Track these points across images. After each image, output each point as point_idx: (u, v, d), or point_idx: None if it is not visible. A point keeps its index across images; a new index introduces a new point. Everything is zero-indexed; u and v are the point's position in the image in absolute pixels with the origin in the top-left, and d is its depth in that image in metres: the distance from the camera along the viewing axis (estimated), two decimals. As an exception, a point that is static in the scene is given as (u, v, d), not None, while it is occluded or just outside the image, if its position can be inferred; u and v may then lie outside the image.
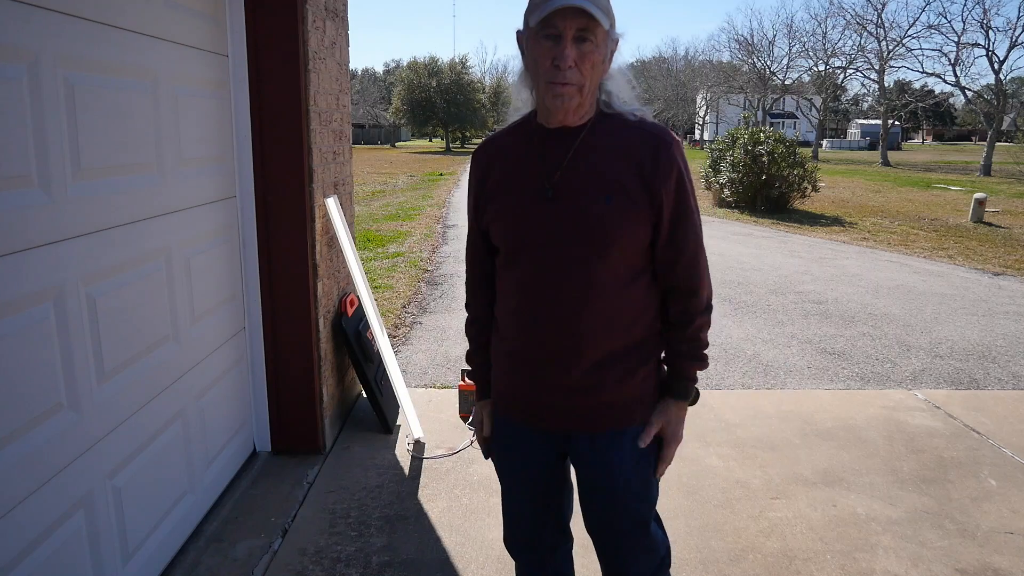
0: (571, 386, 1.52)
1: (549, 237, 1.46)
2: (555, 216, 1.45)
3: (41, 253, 1.77)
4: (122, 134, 2.10)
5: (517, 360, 1.58)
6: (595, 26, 1.35)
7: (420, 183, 21.47)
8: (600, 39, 1.38)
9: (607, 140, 1.46)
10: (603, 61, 1.41)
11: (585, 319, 1.47)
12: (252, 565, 2.45)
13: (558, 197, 1.45)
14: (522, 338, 1.55)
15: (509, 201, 1.52)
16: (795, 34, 59.21)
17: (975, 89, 37.53)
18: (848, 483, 3.15)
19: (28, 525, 1.74)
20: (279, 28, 2.86)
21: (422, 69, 54.19)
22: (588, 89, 1.41)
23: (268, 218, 3.01)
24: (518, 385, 1.60)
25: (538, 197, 1.47)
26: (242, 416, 3.10)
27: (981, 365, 4.97)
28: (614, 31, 1.42)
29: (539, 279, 1.49)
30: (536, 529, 1.73)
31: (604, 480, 1.58)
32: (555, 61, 1.36)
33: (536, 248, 1.48)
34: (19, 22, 1.68)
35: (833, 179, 23.86)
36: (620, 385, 1.53)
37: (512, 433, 1.65)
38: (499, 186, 1.55)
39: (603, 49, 1.40)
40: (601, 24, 1.35)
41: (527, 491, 1.69)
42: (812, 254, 9.49)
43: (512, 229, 1.51)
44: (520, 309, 1.54)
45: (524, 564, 1.79)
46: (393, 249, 9.43)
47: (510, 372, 1.61)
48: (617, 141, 1.46)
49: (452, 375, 4.58)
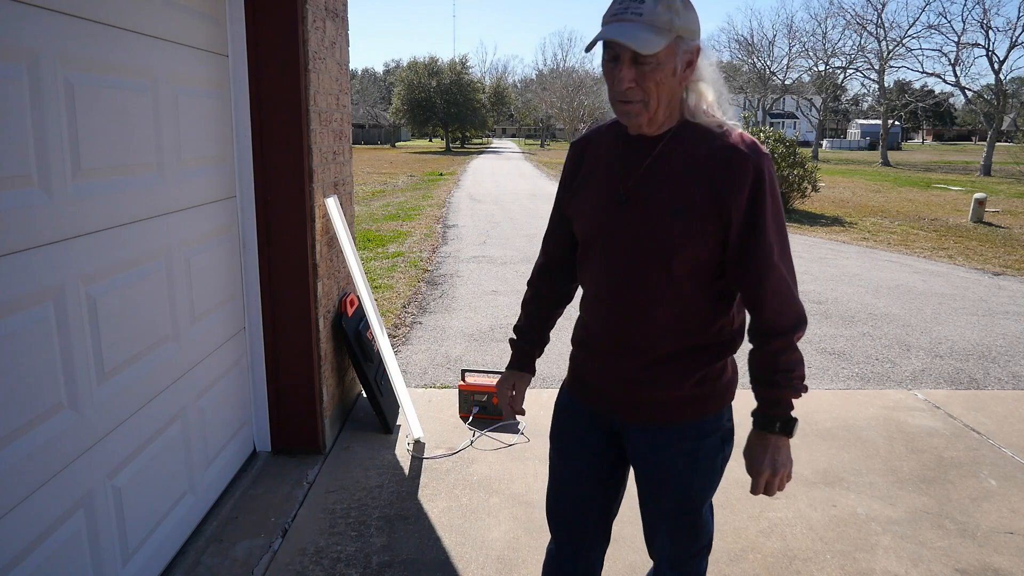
0: (627, 378, 1.58)
1: (618, 241, 1.51)
2: (625, 222, 1.50)
3: (41, 253, 1.77)
4: (122, 134, 2.10)
5: (587, 346, 1.66)
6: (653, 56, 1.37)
7: (420, 183, 21.47)
8: (662, 57, 1.38)
9: (684, 151, 1.47)
10: (673, 75, 1.41)
11: (644, 322, 1.52)
12: (252, 565, 2.45)
13: (630, 203, 1.49)
14: (592, 327, 1.63)
15: (590, 197, 1.57)
16: (795, 34, 59.27)
17: (975, 89, 37.57)
18: (848, 483, 3.15)
19: (28, 525, 1.74)
20: (279, 28, 2.86)
21: (422, 69, 54.21)
22: (657, 103, 1.42)
23: (268, 218, 3.01)
24: (585, 369, 1.68)
25: (613, 200, 1.51)
26: (242, 416, 3.10)
27: (981, 365, 4.97)
28: (685, 42, 1.40)
29: (608, 278, 1.54)
30: (579, 511, 1.76)
31: (651, 471, 1.64)
32: (615, 83, 1.41)
33: (607, 249, 1.53)
34: (19, 22, 1.68)
35: (833, 179, 23.86)
36: (675, 384, 1.56)
37: (574, 412, 1.73)
38: (585, 180, 1.60)
39: (668, 65, 1.39)
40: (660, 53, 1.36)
41: (576, 471, 1.74)
42: (812, 254, 9.49)
43: (588, 226, 1.57)
44: (591, 302, 1.62)
45: (561, 543, 1.81)
46: (393, 249, 9.43)
47: (581, 356, 1.70)
48: (694, 152, 1.46)
49: (452, 375, 4.58)
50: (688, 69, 1.43)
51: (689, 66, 1.43)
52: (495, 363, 4.79)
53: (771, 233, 1.44)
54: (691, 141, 1.46)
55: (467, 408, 3.77)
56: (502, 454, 3.38)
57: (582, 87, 46.43)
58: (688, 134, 1.47)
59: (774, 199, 1.44)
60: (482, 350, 5.12)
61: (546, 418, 3.79)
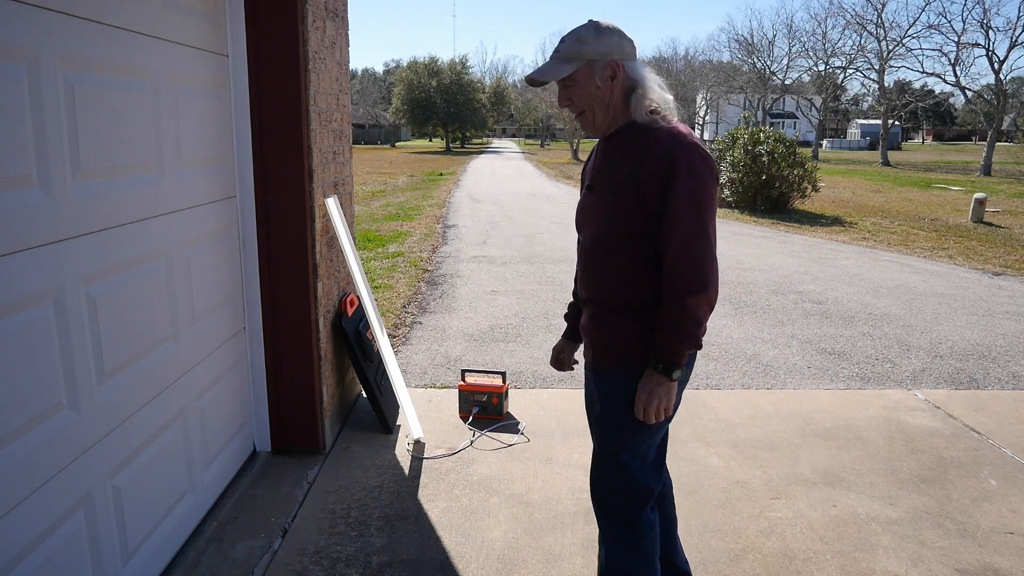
0: (585, 325, 1.99)
1: (584, 219, 1.94)
2: (589, 204, 1.92)
3: (41, 253, 1.77)
4: (122, 134, 2.10)
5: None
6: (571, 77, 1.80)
7: (420, 183, 21.47)
8: (579, 77, 1.80)
9: (624, 145, 1.83)
10: (596, 89, 1.80)
11: (591, 280, 1.92)
12: (252, 565, 2.45)
13: (593, 190, 1.91)
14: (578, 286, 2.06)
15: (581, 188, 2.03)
16: (795, 34, 59.37)
17: (975, 89, 37.54)
18: (848, 483, 3.15)
19: (28, 525, 1.74)
20: (279, 28, 2.86)
21: (422, 69, 54.20)
22: (592, 112, 1.84)
23: (268, 218, 3.01)
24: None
25: (586, 188, 1.96)
26: (242, 416, 3.10)
27: (981, 365, 4.97)
28: (599, 63, 1.78)
29: (580, 249, 1.97)
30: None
31: (590, 406, 2.04)
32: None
33: (579, 226, 1.98)
34: (19, 22, 1.68)
35: (833, 179, 23.86)
36: (602, 330, 1.91)
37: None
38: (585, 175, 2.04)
39: (589, 82, 1.79)
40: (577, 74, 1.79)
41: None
42: (812, 254, 9.49)
43: (577, 209, 2.00)
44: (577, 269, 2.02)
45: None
46: (393, 249, 9.43)
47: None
48: (630, 146, 1.81)
49: (452, 375, 4.58)
50: (612, 81, 1.80)
51: (613, 79, 1.79)
52: (495, 363, 4.79)
53: (679, 205, 1.72)
54: (631, 136, 1.82)
55: (467, 408, 3.77)
56: (502, 454, 3.38)
57: (582, 87, 46.37)
58: (629, 131, 1.83)
59: (687, 177, 1.71)
60: (482, 350, 5.12)
61: (546, 418, 3.81)
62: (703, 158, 1.73)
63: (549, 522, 2.80)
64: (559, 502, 2.95)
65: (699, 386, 4.46)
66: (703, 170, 1.72)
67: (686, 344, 1.76)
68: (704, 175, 1.72)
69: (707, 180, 1.73)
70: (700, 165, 1.72)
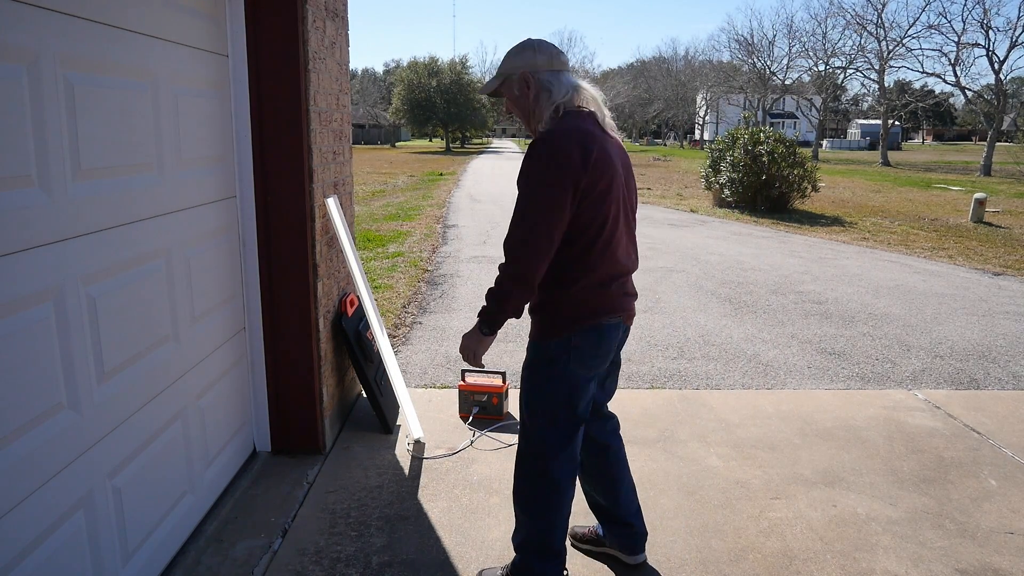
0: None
1: None
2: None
3: (41, 253, 1.77)
4: (122, 134, 2.10)
5: None
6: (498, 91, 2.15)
7: (420, 183, 21.47)
8: (502, 91, 2.15)
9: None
10: (517, 97, 2.11)
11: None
12: (252, 565, 2.45)
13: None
14: None
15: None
16: (795, 34, 59.41)
17: (975, 89, 37.56)
18: (848, 483, 3.15)
19: (28, 525, 1.74)
20: (279, 28, 2.86)
21: (422, 69, 54.17)
22: (521, 117, 2.15)
23: (268, 218, 3.01)
24: None
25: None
26: (242, 416, 3.10)
27: (981, 365, 4.96)
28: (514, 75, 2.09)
29: None
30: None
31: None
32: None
33: None
34: (19, 22, 1.68)
35: (833, 179, 23.86)
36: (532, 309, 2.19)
37: None
38: None
39: (509, 94, 2.13)
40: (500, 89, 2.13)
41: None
42: (812, 254, 9.49)
43: None
44: None
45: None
46: (393, 249, 9.43)
47: None
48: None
49: (452, 375, 4.58)
50: (527, 91, 2.08)
51: (527, 88, 2.08)
52: (495, 363, 4.79)
53: (519, 188, 1.98)
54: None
55: (467, 408, 3.77)
56: (502, 454, 3.38)
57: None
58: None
59: (527, 164, 1.95)
60: (482, 350, 5.11)
61: (546, 418, 3.79)
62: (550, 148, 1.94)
63: (549, 522, 2.79)
64: (559, 502, 2.94)
65: (699, 386, 4.46)
66: (544, 155, 1.94)
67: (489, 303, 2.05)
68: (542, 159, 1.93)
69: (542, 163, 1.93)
70: (542, 151, 1.94)
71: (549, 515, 2.23)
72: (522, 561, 2.29)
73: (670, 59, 69.34)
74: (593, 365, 2.16)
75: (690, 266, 8.39)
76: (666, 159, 38.97)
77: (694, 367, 4.84)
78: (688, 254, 9.23)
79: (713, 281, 7.60)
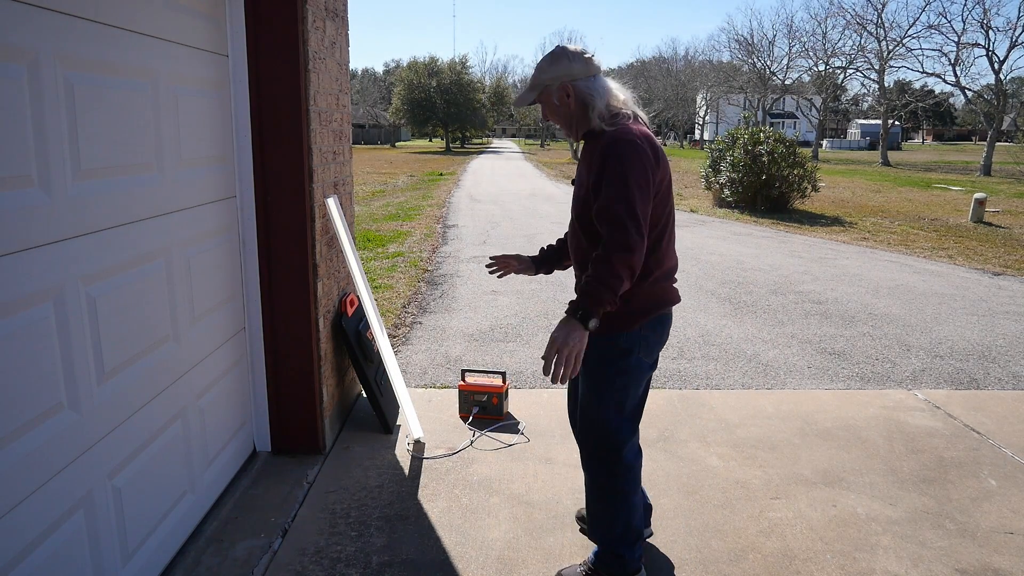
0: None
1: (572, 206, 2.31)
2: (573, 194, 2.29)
3: (41, 253, 1.77)
4: (122, 134, 2.10)
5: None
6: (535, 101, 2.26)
7: (420, 183, 21.47)
8: (545, 100, 2.22)
9: (587, 148, 2.20)
10: (558, 107, 2.20)
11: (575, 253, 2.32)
12: (252, 565, 2.45)
13: (573, 184, 2.28)
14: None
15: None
16: (795, 34, 59.29)
17: (975, 89, 37.55)
18: (848, 483, 3.15)
19: (28, 525, 1.74)
20: (279, 28, 2.86)
21: (422, 69, 54.19)
22: (561, 123, 2.25)
23: (268, 218, 3.01)
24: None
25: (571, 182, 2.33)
26: (242, 416, 3.10)
27: (981, 365, 4.97)
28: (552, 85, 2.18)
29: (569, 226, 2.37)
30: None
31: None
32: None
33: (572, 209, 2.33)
34: (19, 22, 1.68)
35: (833, 179, 23.86)
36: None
37: None
38: None
39: (549, 102, 2.21)
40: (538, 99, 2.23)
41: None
42: (812, 254, 9.49)
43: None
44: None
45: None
46: (393, 249, 9.43)
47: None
48: (590, 148, 2.18)
49: (452, 375, 4.58)
50: (568, 99, 2.17)
51: (568, 97, 2.17)
52: (495, 363, 4.79)
53: (607, 188, 2.01)
54: (590, 141, 2.19)
55: (467, 408, 3.77)
56: (502, 454, 3.38)
57: (582, 87, 46.46)
58: (589, 137, 2.20)
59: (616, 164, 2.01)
60: (482, 350, 5.12)
61: (546, 418, 3.81)
62: (632, 148, 2.02)
63: (549, 522, 2.80)
64: (559, 502, 2.95)
65: (699, 386, 4.46)
66: (630, 155, 2.01)
67: (597, 294, 1.94)
68: (628, 159, 2.00)
69: (630, 163, 2.00)
70: (627, 152, 2.01)
71: (632, 498, 2.33)
72: (608, 552, 2.34)
73: (670, 59, 69.32)
74: (656, 353, 2.30)
75: (690, 266, 8.39)
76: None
77: (694, 367, 4.84)
78: (688, 254, 9.24)
79: (713, 281, 7.60)
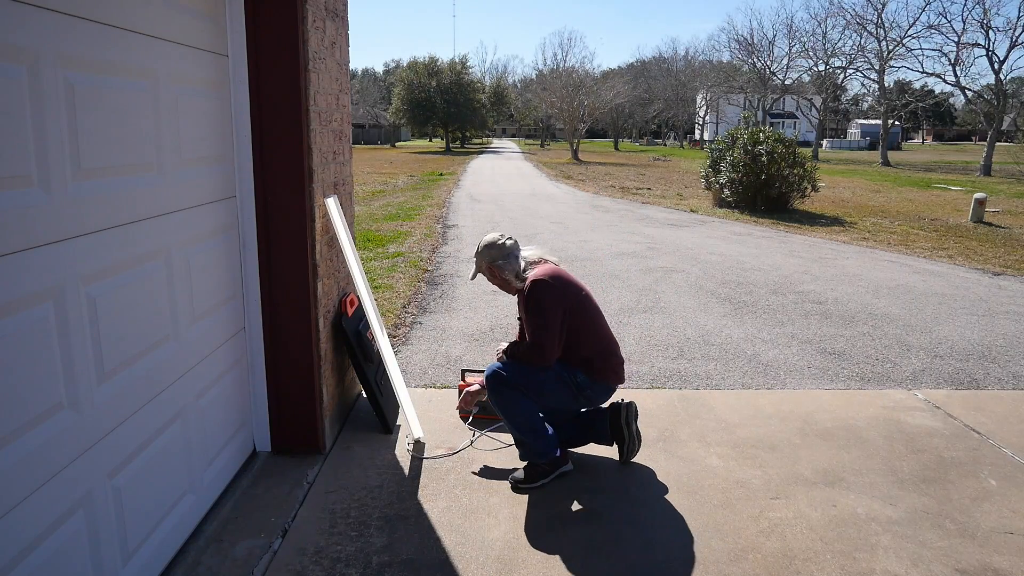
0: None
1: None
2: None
3: (41, 253, 1.77)
4: (122, 134, 2.10)
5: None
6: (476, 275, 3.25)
7: (420, 183, 21.47)
8: (484, 273, 3.20)
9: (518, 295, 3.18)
10: (494, 276, 3.17)
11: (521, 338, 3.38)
12: (252, 565, 2.45)
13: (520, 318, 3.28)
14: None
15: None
16: (795, 34, 59.18)
17: (975, 89, 37.55)
18: (848, 483, 3.15)
19: (28, 525, 1.74)
20: (279, 28, 2.86)
21: (422, 69, 54.17)
22: (499, 287, 3.21)
23: (268, 218, 3.01)
24: None
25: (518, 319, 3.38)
26: (242, 416, 3.10)
27: (981, 365, 4.97)
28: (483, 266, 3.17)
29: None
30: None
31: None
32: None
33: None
34: (19, 22, 1.68)
35: (833, 179, 23.86)
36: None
37: None
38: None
39: (489, 274, 3.18)
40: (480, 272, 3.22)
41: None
42: (812, 254, 9.49)
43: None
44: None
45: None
46: (393, 249, 9.43)
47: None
48: (518, 295, 3.17)
49: (452, 375, 4.58)
50: (495, 274, 3.15)
51: (494, 275, 3.16)
52: (495, 363, 4.79)
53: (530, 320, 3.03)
54: (519, 293, 3.14)
55: (467, 408, 3.76)
56: (502, 454, 3.38)
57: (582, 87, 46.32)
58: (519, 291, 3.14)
59: (534, 305, 3.01)
60: (482, 350, 5.11)
61: (546, 418, 3.78)
62: (541, 288, 3.02)
63: (549, 522, 2.80)
64: (559, 502, 2.95)
65: (699, 386, 4.46)
66: (541, 297, 3.01)
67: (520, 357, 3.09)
68: (541, 300, 3.00)
69: (542, 303, 2.99)
70: (538, 294, 3.01)
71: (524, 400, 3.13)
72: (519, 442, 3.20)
73: (670, 59, 69.33)
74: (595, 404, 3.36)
75: (690, 266, 8.39)
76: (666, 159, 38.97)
77: (694, 367, 4.84)
78: (688, 254, 9.23)
79: (713, 281, 7.60)
